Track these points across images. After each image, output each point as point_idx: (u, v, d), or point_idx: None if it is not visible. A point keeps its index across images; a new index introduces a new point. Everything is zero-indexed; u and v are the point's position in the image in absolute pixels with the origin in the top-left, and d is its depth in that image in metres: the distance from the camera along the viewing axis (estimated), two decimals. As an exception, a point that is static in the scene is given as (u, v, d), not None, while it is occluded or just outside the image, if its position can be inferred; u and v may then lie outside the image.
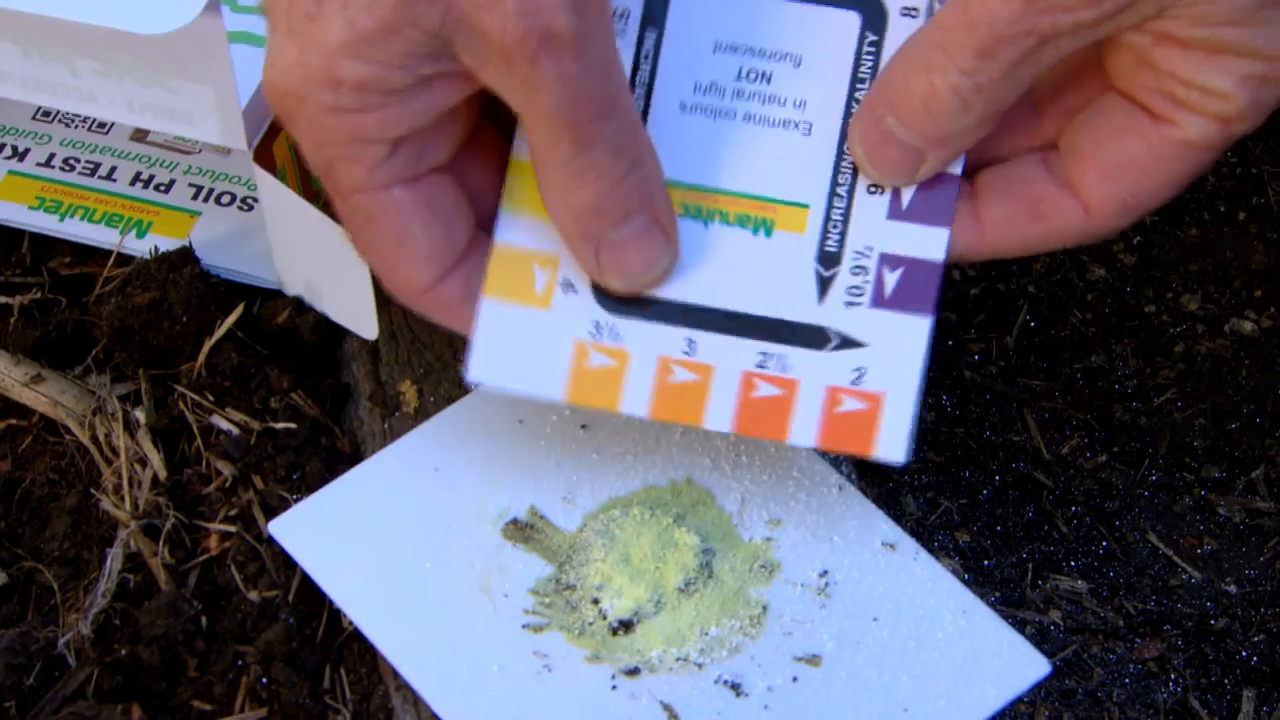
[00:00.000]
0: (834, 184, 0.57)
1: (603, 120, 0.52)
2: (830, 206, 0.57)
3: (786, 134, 0.57)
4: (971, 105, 0.53)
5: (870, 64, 0.56)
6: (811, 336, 0.56)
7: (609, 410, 0.56)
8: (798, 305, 0.56)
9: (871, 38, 0.57)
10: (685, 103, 0.57)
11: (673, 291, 0.56)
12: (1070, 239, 0.56)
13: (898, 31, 0.56)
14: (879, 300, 0.56)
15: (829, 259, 0.56)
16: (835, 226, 0.56)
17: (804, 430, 0.55)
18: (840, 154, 0.57)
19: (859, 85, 0.57)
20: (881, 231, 0.56)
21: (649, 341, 0.56)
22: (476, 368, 0.56)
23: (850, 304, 0.56)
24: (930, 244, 0.56)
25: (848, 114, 0.56)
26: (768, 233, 0.57)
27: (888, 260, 0.56)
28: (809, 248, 0.56)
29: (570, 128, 0.52)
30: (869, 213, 0.56)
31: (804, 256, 0.56)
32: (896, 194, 0.56)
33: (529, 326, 0.56)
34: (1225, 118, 0.53)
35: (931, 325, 0.56)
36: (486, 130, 0.57)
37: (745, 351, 0.56)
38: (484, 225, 0.57)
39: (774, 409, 0.56)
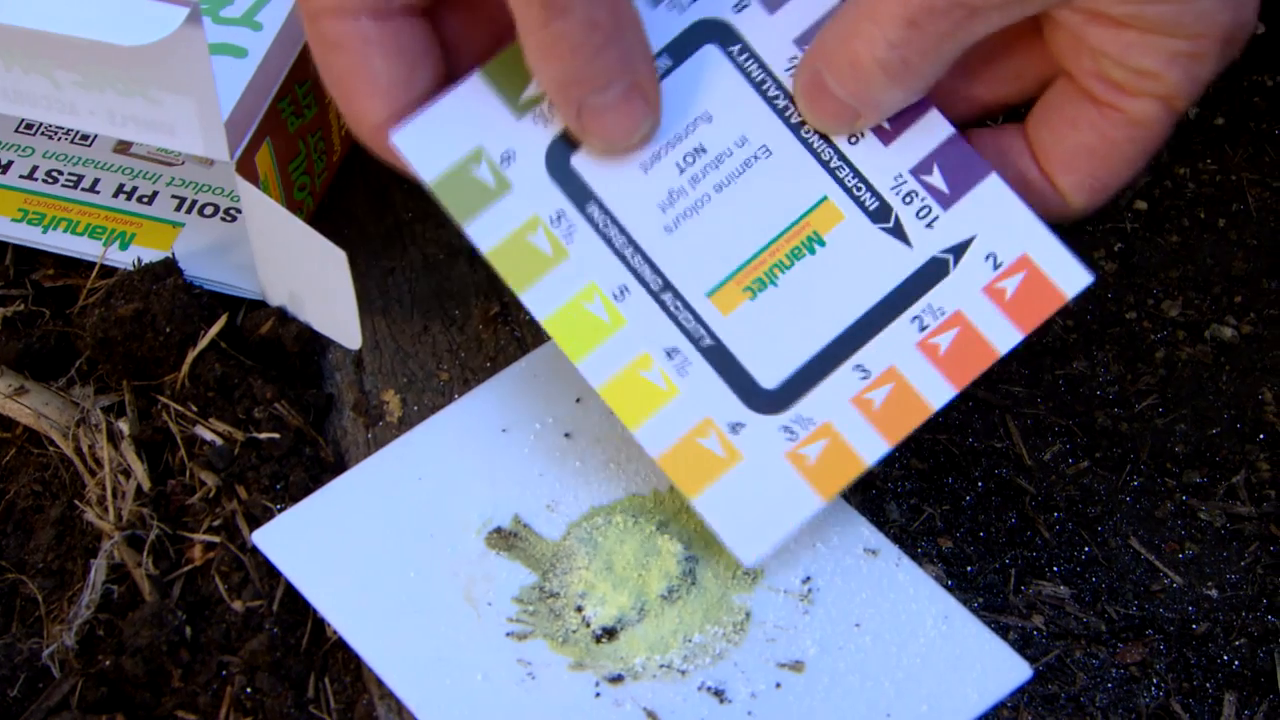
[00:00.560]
0: (825, 164, 0.57)
1: None
2: (840, 181, 0.57)
3: (758, 168, 0.57)
4: (897, 77, 0.54)
5: (754, 65, 0.57)
6: (933, 273, 0.57)
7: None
8: (897, 267, 0.57)
9: (734, 49, 0.58)
10: (666, 225, 0.57)
11: (797, 354, 0.57)
12: (1054, 218, 0.58)
13: (747, 25, 0.58)
14: (945, 200, 0.57)
15: (881, 213, 0.57)
16: (859, 189, 0.57)
17: (1002, 333, 0.57)
18: (806, 141, 0.57)
19: (764, 87, 0.57)
20: (892, 158, 0.57)
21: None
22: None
23: (930, 224, 0.57)
24: (934, 128, 0.57)
25: (778, 111, 0.57)
26: (820, 243, 0.57)
27: (919, 168, 0.57)
28: (860, 222, 0.57)
29: None
30: (870, 156, 0.57)
31: (864, 231, 0.57)
32: (876, 130, 0.57)
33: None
34: (1162, 96, 0.53)
35: (998, 176, 0.57)
36: None
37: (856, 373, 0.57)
38: (457, 77, 0.58)
39: (963, 351, 0.57)
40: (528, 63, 0.55)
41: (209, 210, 0.72)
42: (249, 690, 0.57)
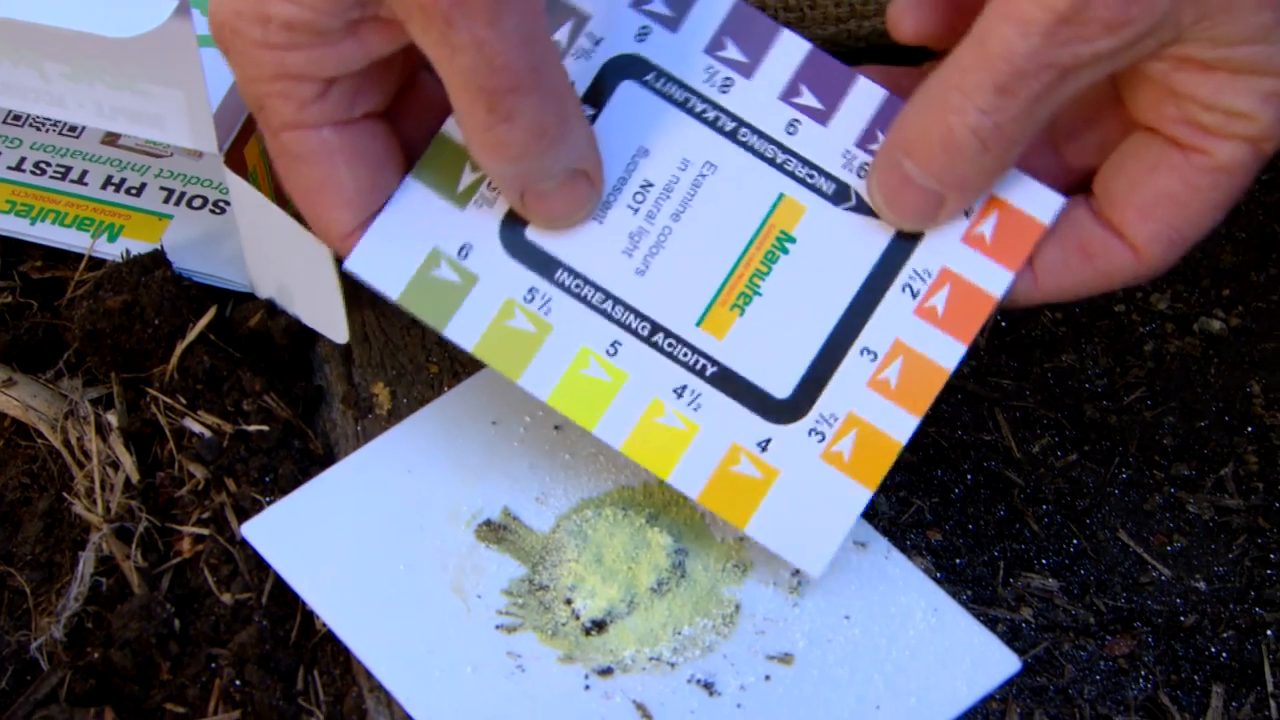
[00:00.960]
0: (772, 163, 0.58)
1: (520, 94, 0.52)
2: (791, 175, 0.58)
3: (708, 186, 0.58)
4: (990, 145, 0.53)
5: (674, 87, 0.58)
6: (908, 238, 0.57)
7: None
8: (872, 242, 0.57)
9: (649, 77, 0.58)
10: (637, 268, 0.57)
11: (801, 355, 0.57)
12: (1122, 280, 0.56)
13: (655, 50, 0.58)
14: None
15: (841, 194, 0.57)
16: (813, 176, 0.57)
17: (993, 277, 0.57)
18: (746, 145, 0.57)
19: (689, 105, 0.58)
20: (834, 137, 0.58)
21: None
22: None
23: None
24: (866, 96, 0.58)
25: (709, 124, 0.57)
26: (791, 240, 0.57)
27: (863, 139, 0.58)
28: (823, 209, 0.57)
29: (486, 95, 0.51)
30: (813, 141, 0.58)
31: (830, 217, 0.57)
32: (810, 112, 0.58)
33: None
34: (1253, 138, 0.52)
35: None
36: (426, 82, 0.57)
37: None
38: None
39: (961, 305, 0.57)
40: (472, 154, 0.55)
41: (198, 202, 0.72)
42: (238, 683, 0.57)
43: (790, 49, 0.58)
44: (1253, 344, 0.74)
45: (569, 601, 0.57)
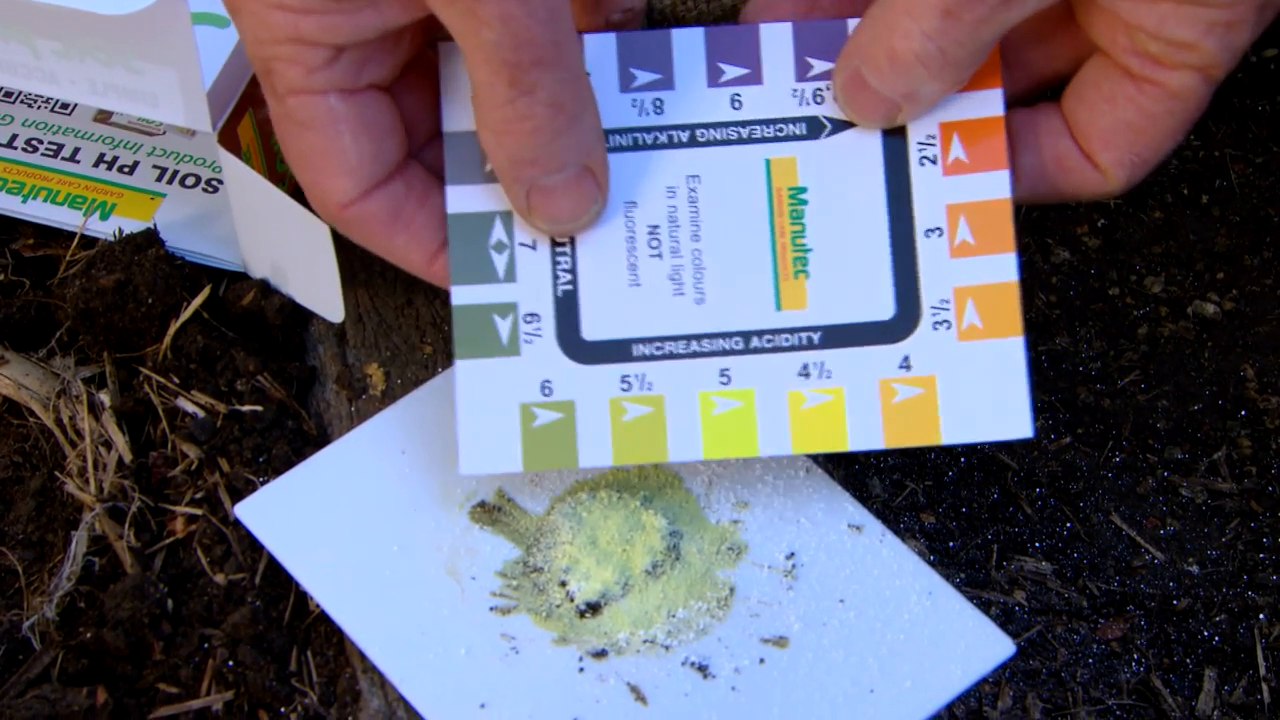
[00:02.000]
0: (743, 140, 0.58)
1: (543, 68, 0.52)
2: (763, 139, 0.58)
3: (703, 193, 0.58)
4: (935, 69, 0.54)
5: (616, 137, 0.58)
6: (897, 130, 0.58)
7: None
8: (869, 150, 0.58)
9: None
10: (695, 299, 0.57)
11: (882, 278, 0.57)
12: (1092, 196, 0.58)
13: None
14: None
15: (815, 127, 0.58)
16: (782, 128, 0.58)
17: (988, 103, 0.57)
18: (709, 141, 0.58)
19: (638, 144, 0.58)
20: (775, 85, 0.58)
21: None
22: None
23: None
24: (778, 37, 0.58)
25: (666, 145, 0.58)
26: (803, 190, 0.58)
27: (800, 72, 0.58)
28: (812, 149, 0.58)
29: (509, 69, 0.52)
30: (760, 99, 0.58)
31: (821, 152, 0.58)
32: (739, 80, 0.58)
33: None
34: (1200, 67, 0.53)
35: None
36: (430, 59, 0.57)
37: None
38: (414, 153, 0.58)
39: (979, 147, 0.57)
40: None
41: (190, 181, 0.72)
42: (231, 663, 0.57)
43: (689, 43, 0.58)
44: (1246, 328, 0.74)
45: (563, 584, 0.57)
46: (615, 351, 0.57)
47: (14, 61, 0.63)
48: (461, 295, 0.57)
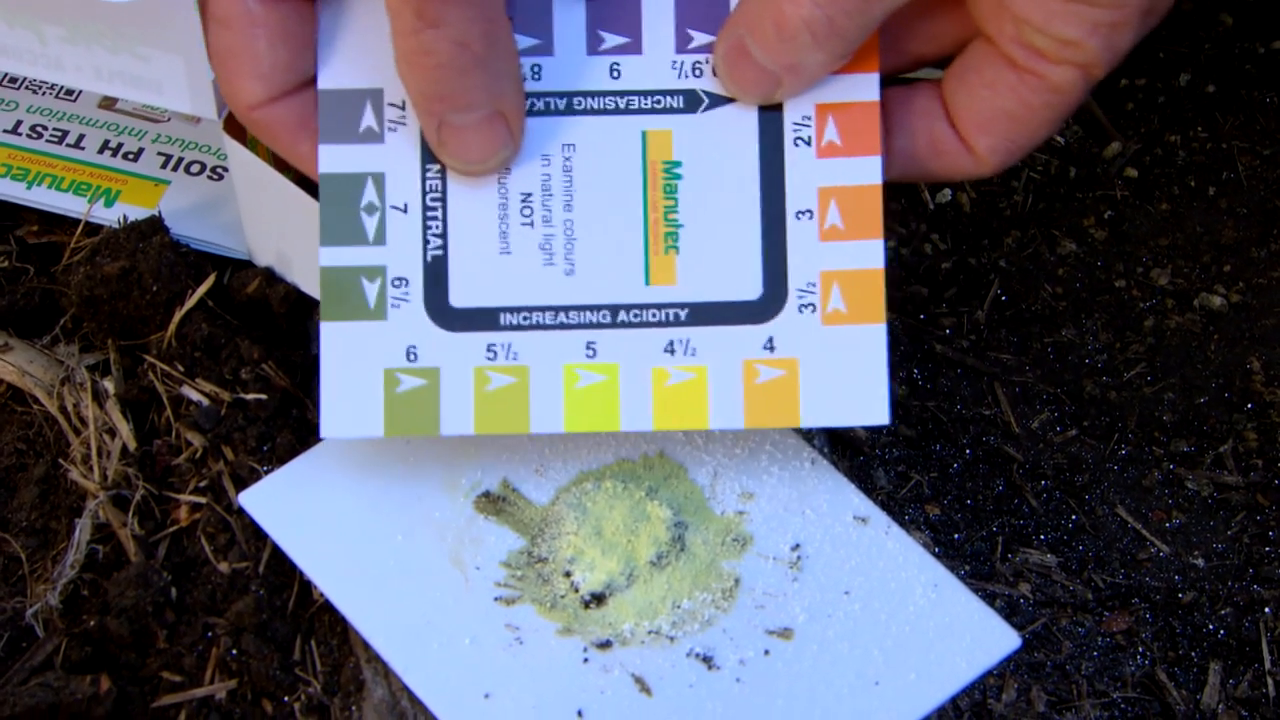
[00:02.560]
0: (619, 110, 0.58)
1: (451, 4, 0.52)
2: (640, 110, 0.58)
3: (577, 163, 0.57)
4: (822, 39, 0.54)
5: None
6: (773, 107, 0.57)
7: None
8: (744, 125, 0.57)
9: None
10: (565, 270, 0.57)
11: (751, 256, 0.57)
12: (961, 177, 0.58)
13: None
14: None
15: (692, 100, 0.58)
16: (660, 100, 0.58)
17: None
18: (586, 109, 0.58)
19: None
20: (653, 57, 0.58)
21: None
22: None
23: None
24: (659, 8, 0.58)
25: (543, 113, 0.57)
26: (678, 164, 0.57)
27: (680, 44, 0.58)
28: (688, 123, 0.58)
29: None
30: (638, 71, 0.58)
31: (697, 126, 0.57)
32: (621, 50, 0.58)
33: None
34: (1082, 65, 0.54)
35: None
36: None
37: None
38: None
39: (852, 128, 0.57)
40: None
41: (195, 168, 0.71)
42: (234, 652, 0.57)
43: (570, 10, 0.58)
44: (1253, 320, 0.74)
45: (568, 574, 0.57)
46: (482, 319, 0.57)
47: (20, 47, 0.63)
48: (330, 256, 0.57)
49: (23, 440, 0.64)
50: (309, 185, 0.60)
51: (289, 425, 0.62)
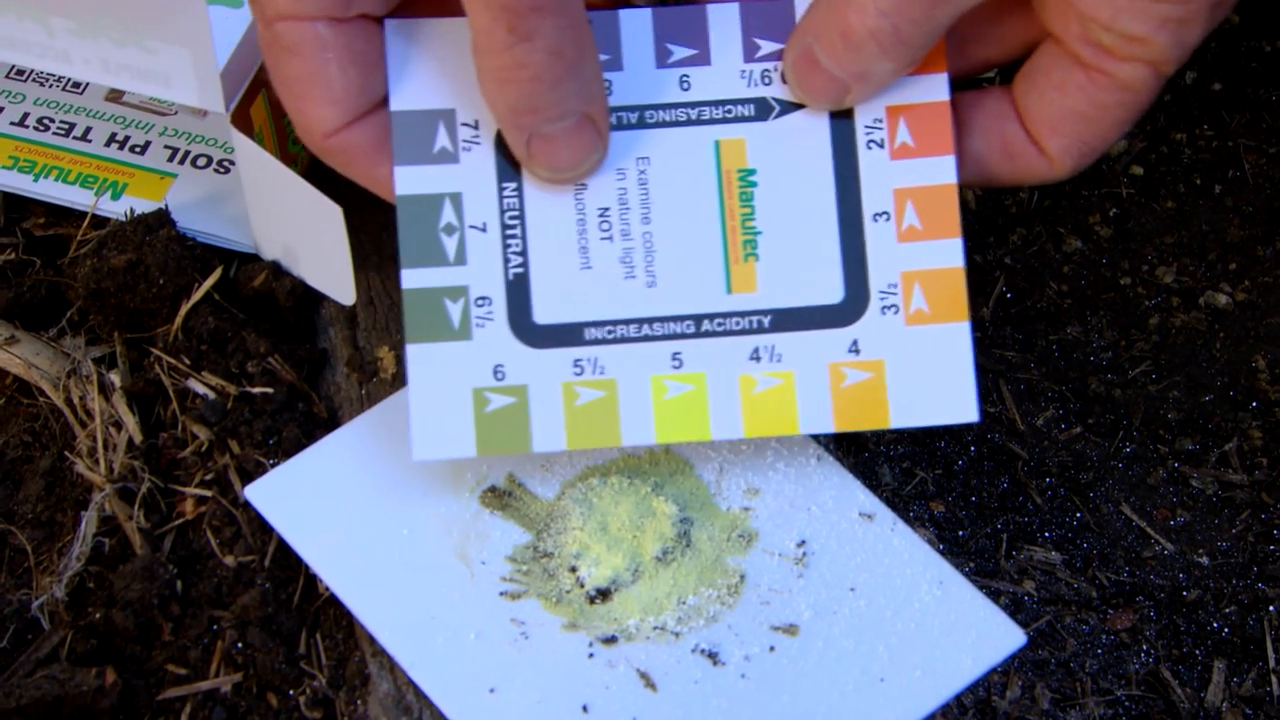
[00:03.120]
0: (691, 121, 0.58)
1: (543, 14, 0.51)
2: (711, 120, 0.58)
3: (652, 175, 0.57)
4: (888, 48, 0.54)
5: None
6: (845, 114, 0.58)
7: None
8: (817, 131, 0.57)
9: None
10: (646, 283, 0.57)
11: (831, 260, 0.57)
12: (1036, 181, 0.58)
13: None
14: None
15: (763, 109, 0.58)
16: (730, 109, 0.58)
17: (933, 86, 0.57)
18: (657, 122, 0.58)
19: None
20: (722, 67, 0.58)
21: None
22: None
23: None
24: (726, 17, 0.58)
25: (615, 127, 0.57)
26: (753, 172, 0.57)
27: (748, 53, 0.58)
28: (761, 131, 0.58)
29: (508, 14, 0.51)
30: (709, 81, 0.58)
31: (770, 134, 0.58)
32: (683, 62, 0.58)
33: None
34: (1151, 61, 0.54)
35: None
36: None
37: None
38: None
39: (925, 128, 0.57)
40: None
41: (202, 161, 0.71)
42: (240, 645, 0.57)
43: (636, 24, 0.58)
44: (1258, 319, 0.74)
45: (573, 569, 0.57)
46: (567, 335, 0.57)
47: (28, 40, 0.63)
48: (412, 279, 0.57)
49: (29, 432, 0.64)
50: (316, 179, 0.60)
51: (295, 419, 0.62)
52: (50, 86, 0.74)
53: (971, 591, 0.56)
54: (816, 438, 0.60)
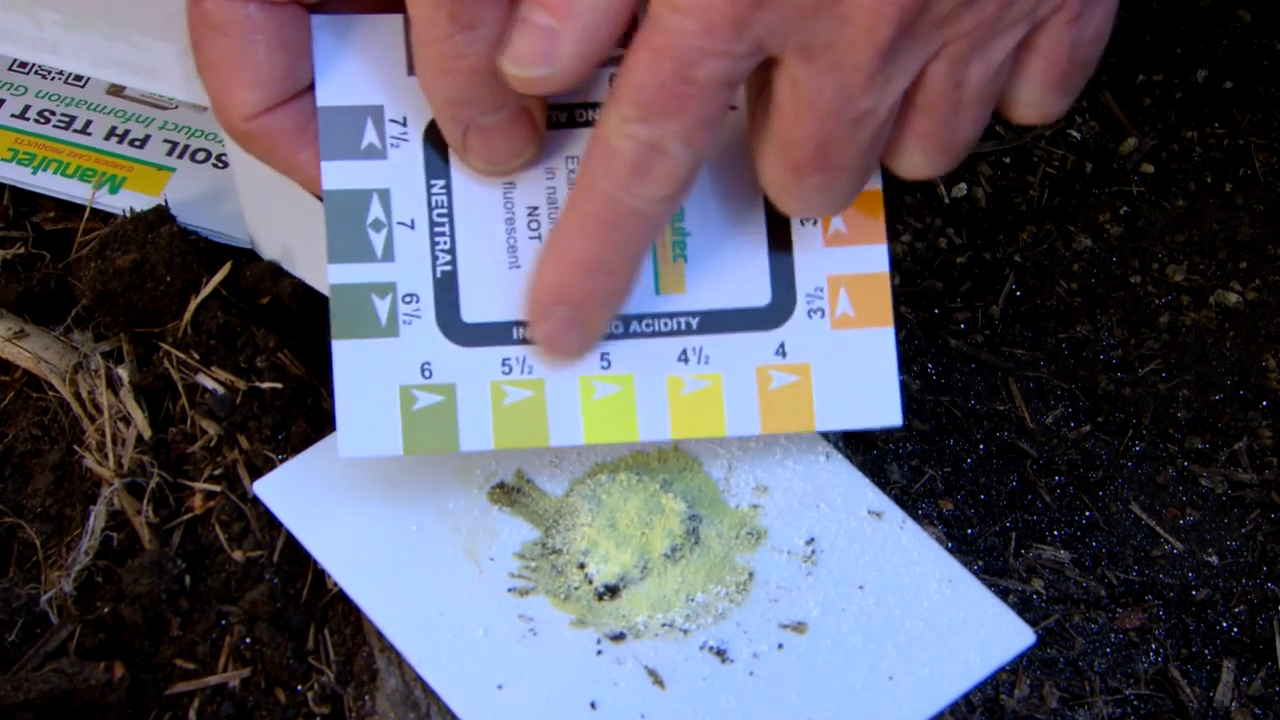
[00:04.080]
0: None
1: (486, 4, 0.51)
2: None
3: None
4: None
5: None
6: None
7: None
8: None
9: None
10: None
11: (759, 265, 0.57)
12: None
13: None
14: None
15: None
16: None
17: None
18: (594, 122, 0.56)
19: None
20: None
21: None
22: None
23: None
24: None
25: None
26: None
27: None
28: None
29: (451, 2, 0.50)
30: None
31: None
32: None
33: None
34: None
35: None
36: None
37: None
38: None
39: None
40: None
41: (201, 156, 0.71)
42: (248, 640, 0.57)
43: None
44: (1269, 318, 0.74)
45: (582, 566, 0.57)
46: (495, 334, 0.56)
47: (16, 31, 0.63)
48: (339, 274, 0.56)
49: (38, 426, 0.64)
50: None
51: (304, 414, 0.62)
52: (52, 79, 0.74)
53: (980, 590, 0.56)
54: (827, 435, 0.60)
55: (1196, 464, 0.69)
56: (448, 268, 0.56)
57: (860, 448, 0.67)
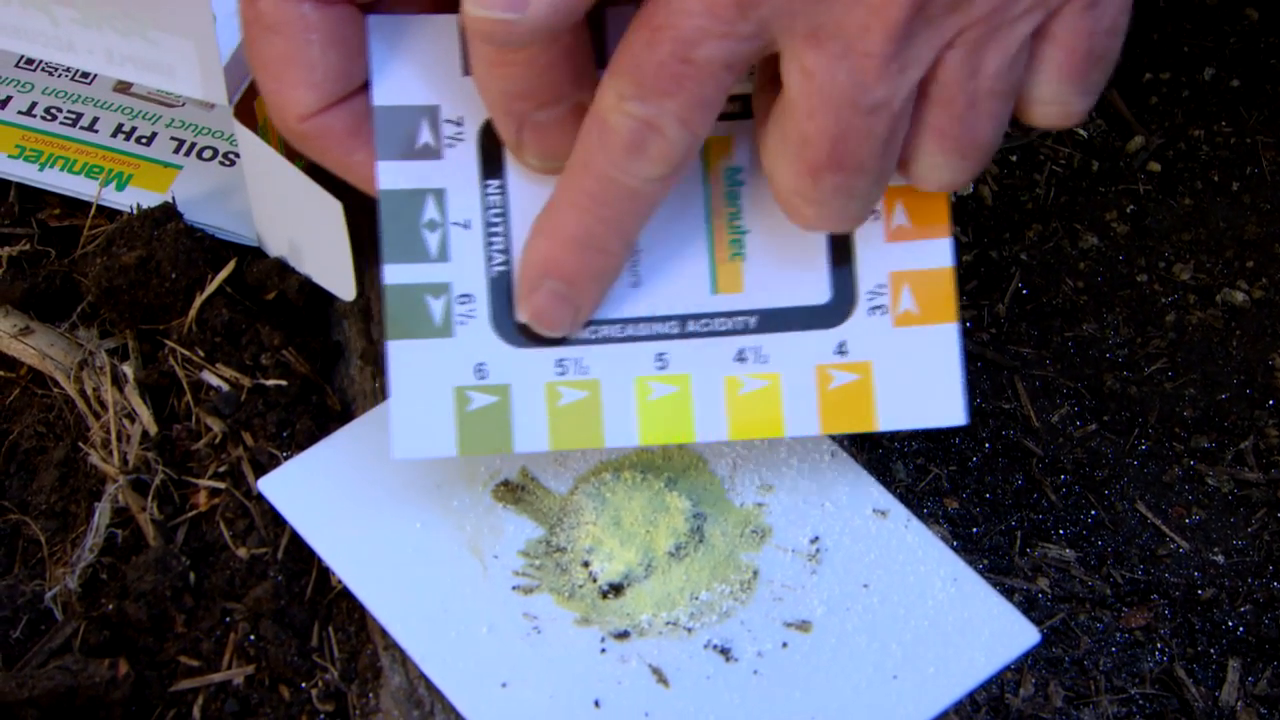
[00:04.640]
0: None
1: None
2: None
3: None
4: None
5: None
6: None
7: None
8: None
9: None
10: (631, 283, 0.56)
11: (818, 261, 0.56)
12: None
13: None
14: None
15: (749, 105, 0.56)
16: None
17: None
18: None
19: None
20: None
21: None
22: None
23: None
24: None
25: None
26: (738, 169, 0.56)
27: None
28: (744, 126, 0.56)
29: None
30: None
31: (751, 128, 0.56)
32: None
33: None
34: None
35: None
36: None
37: None
38: None
39: None
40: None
41: (208, 154, 0.71)
42: (252, 637, 0.57)
43: (623, 22, 0.56)
44: (1276, 316, 0.74)
45: (586, 564, 0.57)
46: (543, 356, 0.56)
47: (32, 29, 0.63)
48: (394, 274, 0.56)
49: (43, 423, 0.64)
50: (320, 176, 0.60)
51: (309, 411, 0.62)
52: (59, 76, 0.74)
53: (985, 589, 0.56)
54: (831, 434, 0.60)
55: (1202, 463, 0.69)
56: (503, 268, 0.56)
57: (865, 446, 0.67)
